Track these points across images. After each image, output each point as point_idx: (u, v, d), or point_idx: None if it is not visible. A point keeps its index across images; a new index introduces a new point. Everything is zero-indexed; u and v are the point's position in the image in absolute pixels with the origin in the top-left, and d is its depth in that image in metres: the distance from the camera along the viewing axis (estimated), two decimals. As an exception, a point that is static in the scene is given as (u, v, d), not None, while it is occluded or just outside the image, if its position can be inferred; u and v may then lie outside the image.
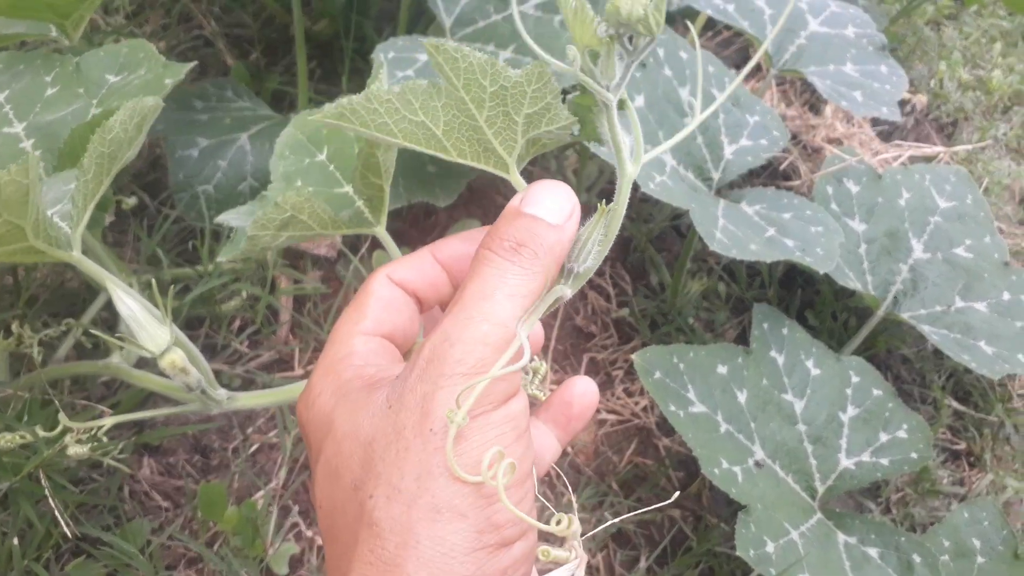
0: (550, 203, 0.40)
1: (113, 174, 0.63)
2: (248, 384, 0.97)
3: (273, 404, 0.58)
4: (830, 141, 1.39)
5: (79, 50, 0.91)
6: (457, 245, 0.45)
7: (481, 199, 1.25)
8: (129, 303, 0.53)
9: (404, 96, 0.42)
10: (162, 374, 0.66)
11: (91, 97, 0.87)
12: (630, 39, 0.39)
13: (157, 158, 1.18)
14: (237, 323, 1.01)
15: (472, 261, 0.40)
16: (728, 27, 1.59)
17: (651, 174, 0.89)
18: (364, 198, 0.58)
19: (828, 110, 1.46)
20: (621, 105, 0.45)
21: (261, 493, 0.90)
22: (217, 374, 0.99)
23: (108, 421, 0.63)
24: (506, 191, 1.27)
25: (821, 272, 0.90)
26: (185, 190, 1.00)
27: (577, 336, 1.17)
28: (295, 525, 0.90)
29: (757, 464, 0.88)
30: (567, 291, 0.45)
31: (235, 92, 1.12)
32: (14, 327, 0.83)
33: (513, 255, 0.39)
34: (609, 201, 0.43)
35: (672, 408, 0.85)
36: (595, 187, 1.28)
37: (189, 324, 1.00)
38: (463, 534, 0.35)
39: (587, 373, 1.13)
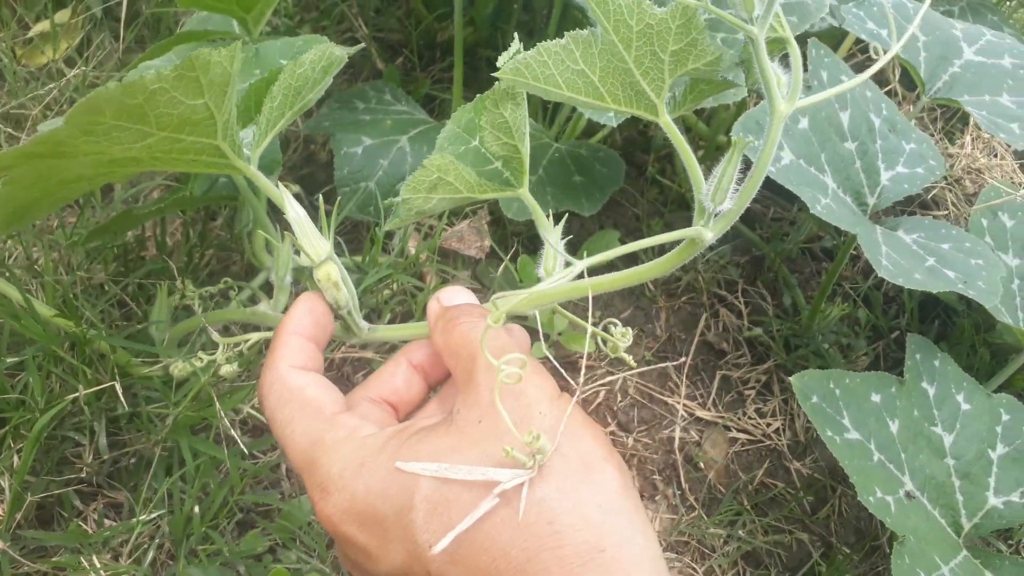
0: (461, 295, 0.52)
1: (296, 110, 0.65)
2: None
3: (413, 337, 0.58)
4: (970, 171, 1.36)
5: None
6: (303, 315, 0.51)
7: (621, 212, 1.27)
8: (299, 210, 0.55)
9: (567, 47, 0.45)
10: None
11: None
12: None
13: (312, 154, 1.24)
14: (388, 317, 1.04)
15: (450, 340, 0.48)
16: (864, 51, 1.57)
17: (817, 196, 0.89)
18: (501, 160, 0.59)
19: (967, 139, 1.43)
20: (775, 46, 0.46)
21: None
22: (373, 363, 1.03)
23: (253, 337, 0.66)
24: (641, 205, 1.28)
25: (986, 306, 0.89)
26: (348, 185, 1.05)
27: (709, 352, 1.17)
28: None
29: (908, 495, 0.87)
30: (706, 233, 0.46)
31: (393, 96, 1.16)
32: (178, 283, 0.88)
33: (479, 317, 0.49)
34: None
35: (829, 433, 0.84)
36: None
37: (344, 314, 1.04)
38: None
39: (719, 391, 1.13)
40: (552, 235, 0.61)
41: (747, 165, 0.47)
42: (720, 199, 0.45)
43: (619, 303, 1.21)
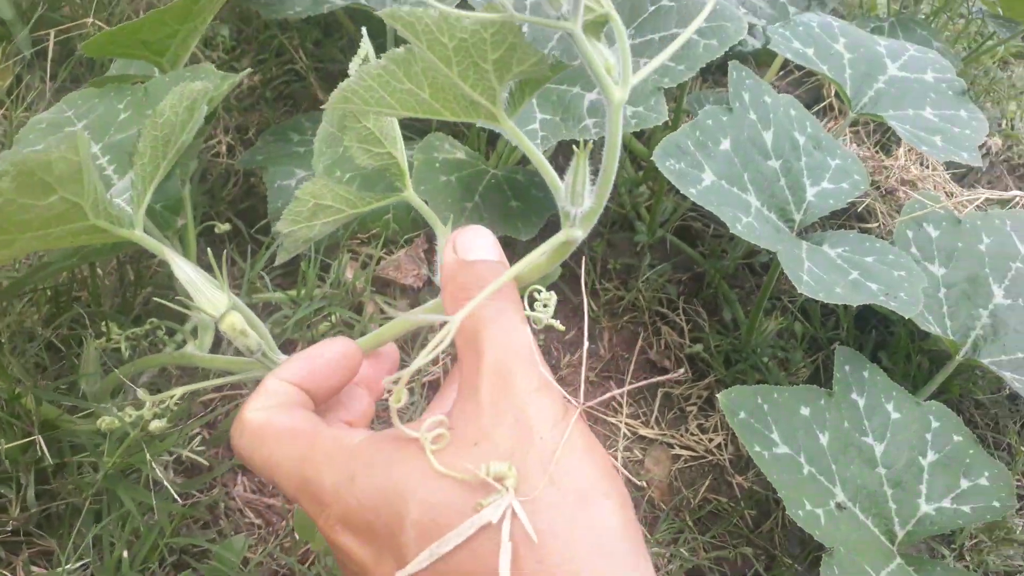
0: (481, 243, 0.46)
1: (171, 158, 0.64)
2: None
3: None
4: (904, 183, 1.39)
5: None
6: (297, 364, 0.49)
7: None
8: (186, 269, 0.55)
9: (388, 67, 0.43)
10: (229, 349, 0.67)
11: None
12: None
13: (251, 186, 1.24)
14: (327, 348, 1.05)
15: (461, 333, 0.43)
16: (801, 67, 1.60)
17: (738, 215, 0.91)
18: (381, 169, 0.57)
19: (901, 152, 1.47)
20: (598, 22, 0.44)
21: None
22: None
23: (179, 391, 0.66)
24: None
25: (907, 316, 0.91)
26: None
27: (651, 370, 1.18)
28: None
29: (839, 506, 0.89)
30: (577, 233, 0.46)
31: (328, 126, 1.17)
32: (103, 325, 0.87)
33: (494, 294, 0.42)
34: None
35: (757, 449, 0.86)
36: (669, 223, 1.30)
37: (284, 348, 1.04)
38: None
39: (661, 408, 1.14)
40: (445, 237, 0.60)
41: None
42: (578, 201, 0.45)
43: (562, 324, 1.22)
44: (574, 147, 0.44)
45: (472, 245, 0.46)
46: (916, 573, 0.89)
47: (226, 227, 0.99)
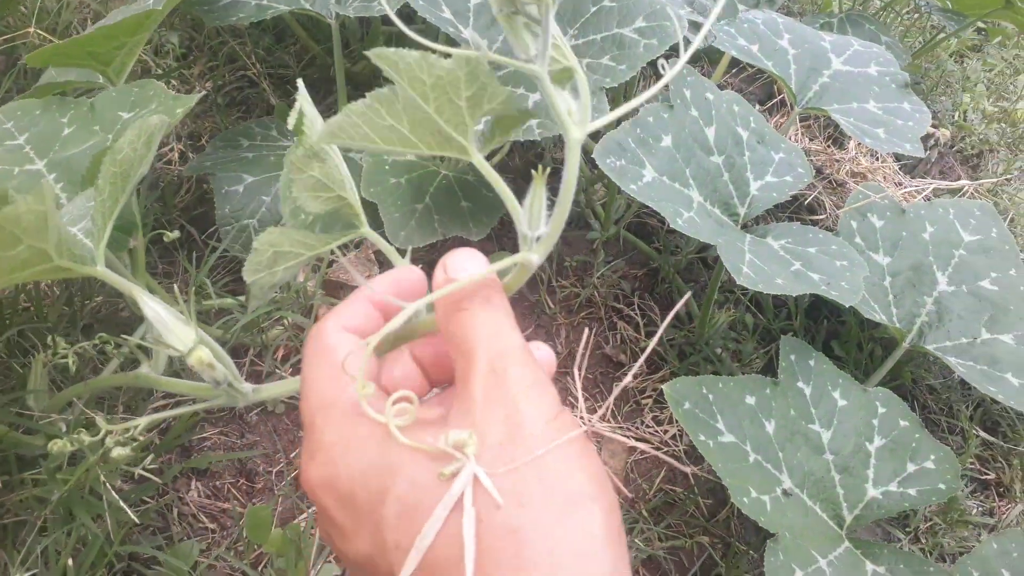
0: (471, 264, 0.47)
1: (129, 191, 0.65)
2: (293, 409, 1.01)
3: (298, 392, 0.60)
4: (854, 175, 1.42)
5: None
6: (386, 283, 0.50)
7: (512, 232, 1.29)
8: (154, 306, 0.56)
9: (372, 106, 0.46)
10: (189, 377, 0.69)
11: (107, 133, 0.91)
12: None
13: (204, 193, 1.24)
14: (281, 352, 1.05)
15: (451, 328, 0.45)
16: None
17: (679, 210, 0.92)
18: (331, 212, 0.61)
19: (852, 144, 1.49)
20: (564, 75, 0.48)
21: (304, 516, 0.93)
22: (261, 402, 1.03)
23: (143, 421, 0.66)
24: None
25: (847, 305, 0.93)
26: (230, 224, 1.05)
27: (607, 365, 1.20)
28: (335, 548, 0.93)
29: (785, 493, 0.90)
30: (533, 257, 0.48)
31: (279, 131, 1.17)
32: (50, 339, 0.87)
33: (484, 304, 0.45)
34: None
35: (702, 438, 0.87)
36: (623, 219, 1.32)
37: (234, 352, 1.04)
38: None
39: (617, 402, 1.16)
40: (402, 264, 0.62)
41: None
42: (535, 225, 0.47)
43: (519, 321, 1.23)
44: (532, 172, 0.46)
45: (462, 266, 0.47)
46: (864, 556, 0.91)
47: (175, 235, 0.99)
